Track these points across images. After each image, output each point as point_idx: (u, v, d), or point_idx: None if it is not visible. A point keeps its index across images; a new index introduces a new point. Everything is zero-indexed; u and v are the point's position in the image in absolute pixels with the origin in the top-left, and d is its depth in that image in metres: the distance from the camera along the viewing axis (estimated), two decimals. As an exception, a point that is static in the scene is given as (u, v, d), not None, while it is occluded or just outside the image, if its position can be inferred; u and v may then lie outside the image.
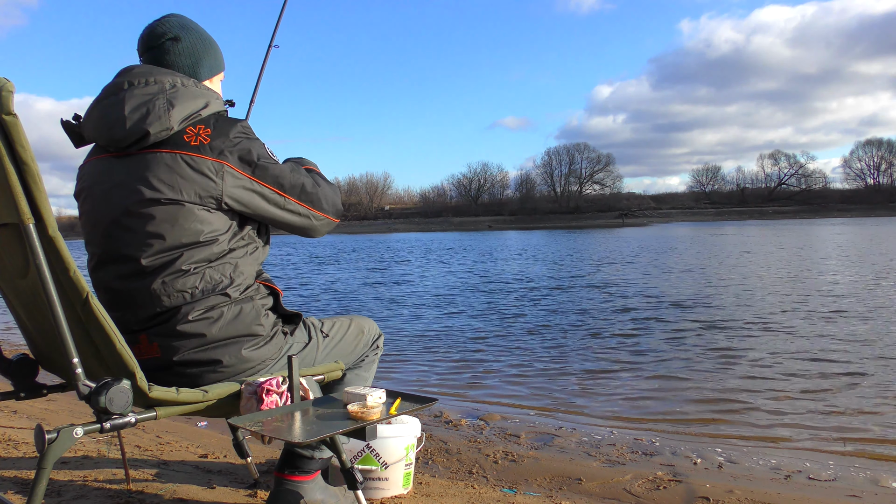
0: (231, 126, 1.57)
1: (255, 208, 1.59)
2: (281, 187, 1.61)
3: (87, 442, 2.73)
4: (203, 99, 1.57)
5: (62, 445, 1.24)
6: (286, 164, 1.65)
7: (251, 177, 1.56)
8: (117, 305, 1.55)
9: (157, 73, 1.57)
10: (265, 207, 1.61)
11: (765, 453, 3.22)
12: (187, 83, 1.58)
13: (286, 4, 2.66)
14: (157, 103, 1.50)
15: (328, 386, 1.81)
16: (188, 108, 1.53)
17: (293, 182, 1.64)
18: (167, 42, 1.63)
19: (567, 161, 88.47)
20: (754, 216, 74.70)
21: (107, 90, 1.56)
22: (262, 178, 1.58)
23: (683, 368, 5.11)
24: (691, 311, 8.09)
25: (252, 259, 1.64)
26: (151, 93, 1.52)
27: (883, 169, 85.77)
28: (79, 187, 1.65)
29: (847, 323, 6.90)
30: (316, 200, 1.69)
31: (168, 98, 1.52)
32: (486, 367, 5.47)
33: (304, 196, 1.66)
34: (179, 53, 1.64)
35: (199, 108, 1.56)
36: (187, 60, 1.66)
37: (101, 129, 1.54)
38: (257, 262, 1.67)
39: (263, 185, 1.58)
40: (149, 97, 1.51)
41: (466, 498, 2.35)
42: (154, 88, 1.53)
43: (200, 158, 1.50)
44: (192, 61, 1.66)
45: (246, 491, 2.20)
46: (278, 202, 1.62)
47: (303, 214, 1.68)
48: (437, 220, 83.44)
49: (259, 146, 1.59)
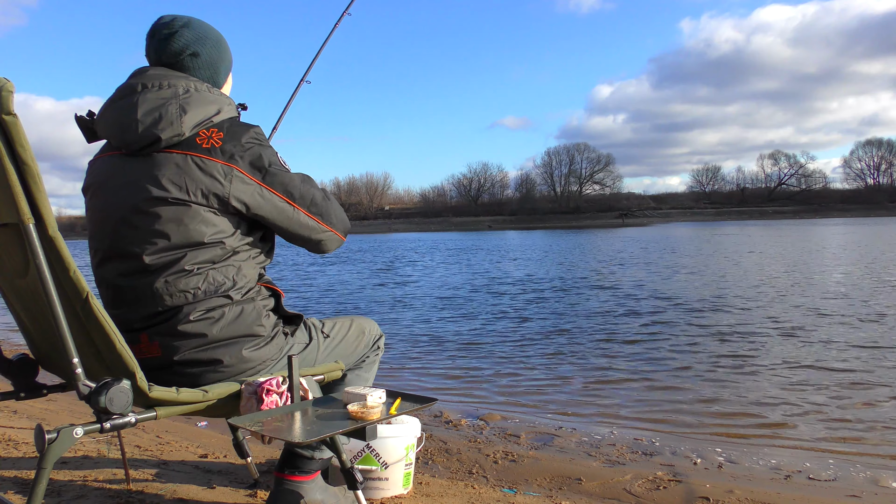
0: (244, 131, 1.56)
1: (262, 213, 1.58)
2: (290, 196, 1.61)
3: (87, 442, 2.73)
4: (216, 105, 1.57)
5: (62, 445, 1.24)
6: (297, 175, 1.64)
7: (261, 183, 1.56)
8: (119, 303, 1.55)
9: (172, 76, 1.56)
10: (273, 214, 1.60)
11: (765, 453, 3.22)
12: (201, 88, 1.57)
13: (326, 44, 2.68)
14: (169, 108, 1.50)
15: (328, 386, 1.81)
16: (201, 115, 1.53)
17: (303, 193, 1.63)
18: (187, 58, 1.62)
19: (567, 161, 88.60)
20: (754, 216, 74.69)
21: (120, 91, 1.56)
22: (272, 185, 1.57)
23: (684, 369, 5.11)
24: (692, 312, 8.09)
25: (255, 263, 1.63)
26: (165, 97, 1.52)
27: (883, 169, 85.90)
28: (87, 182, 1.65)
29: (848, 323, 6.90)
30: (325, 214, 1.68)
31: (181, 103, 1.52)
32: (486, 366, 5.47)
33: (313, 208, 1.65)
34: (199, 67, 1.64)
35: (212, 114, 1.55)
36: (207, 72, 1.66)
37: (114, 130, 1.55)
38: (260, 266, 1.67)
39: (273, 192, 1.58)
40: (162, 101, 1.51)
41: (466, 498, 2.35)
42: (167, 93, 1.53)
43: (210, 161, 1.50)
44: (211, 72, 1.67)
45: (246, 491, 2.20)
46: (286, 211, 1.61)
47: (311, 227, 1.67)
48: (436, 220, 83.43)
49: (271, 153, 1.59)
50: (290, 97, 2.57)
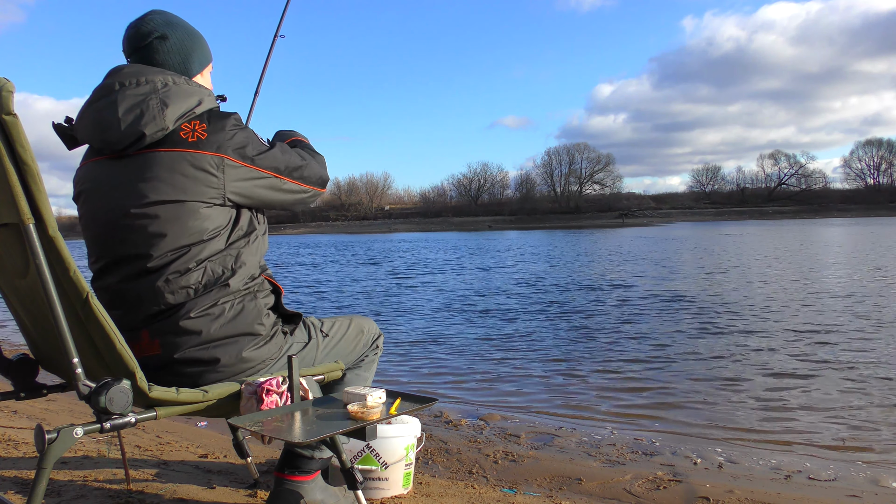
0: (225, 120, 1.58)
1: (256, 197, 1.62)
2: (277, 170, 1.64)
3: (87, 442, 2.73)
4: (196, 97, 1.57)
5: (62, 445, 1.24)
6: (276, 148, 1.67)
7: (250, 165, 1.58)
8: (120, 305, 1.55)
9: (148, 72, 1.55)
10: (265, 193, 1.64)
11: (765, 453, 3.22)
12: (178, 81, 1.57)
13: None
14: (150, 103, 1.50)
15: (328, 386, 1.81)
16: (182, 107, 1.53)
17: (287, 163, 1.67)
18: (155, 41, 1.62)
19: (567, 161, 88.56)
20: (754, 216, 74.68)
21: (97, 92, 1.55)
22: (260, 165, 1.60)
23: (684, 369, 5.11)
24: (693, 312, 8.09)
25: (254, 248, 1.63)
26: (144, 93, 1.51)
27: (883, 169, 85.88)
28: (77, 191, 1.64)
29: (850, 324, 6.90)
30: (306, 176, 1.74)
31: (161, 98, 1.51)
32: (486, 366, 5.47)
33: (296, 173, 1.70)
34: (169, 51, 1.63)
35: (193, 105, 1.55)
36: (177, 58, 1.65)
37: (94, 132, 1.53)
38: (259, 252, 1.66)
39: (262, 171, 1.61)
40: (141, 97, 1.50)
41: (466, 498, 2.35)
42: (146, 88, 1.52)
43: (200, 154, 1.51)
44: (181, 58, 1.66)
45: (246, 491, 2.20)
46: (275, 185, 1.65)
47: (296, 191, 1.72)
48: (436, 219, 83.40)
49: (251, 134, 1.62)
50: (268, 54, 2.56)
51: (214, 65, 1.79)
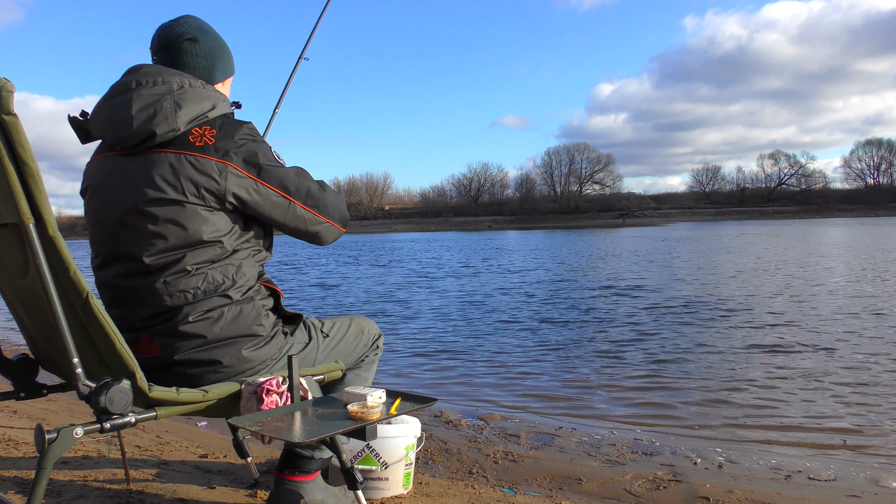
0: (237, 128, 1.57)
1: (259, 209, 1.59)
2: (286, 190, 1.61)
3: (87, 442, 2.73)
4: (210, 101, 1.57)
5: (62, 445, 1.24)
6: (292, 168, 1.64)
7: (256, 178, 1.56)
8: (119, 303, 1.55)
9: (166, 73, 1.57)
10: (269, 210, 1.60)
11: (765, 453, 3.22)
12: (195, 84, 1.58)
13: (322, 18, 2.67)
14: (164, 104, 1.51)
15: (328, 386, 1.81)
16: (195, 110, 1.54)
17: (298, 186, 1.63)
18: (185, 42, 1.64)
19: (567, 161, 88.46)
20: (754, 216, 74.68)
21: (114, 89, 1.57)
22: (267, 181, 1.58)
23: (684, 369, 5.11)
24: (693, 312, 8.09)
25: (254, 261, 1.64)
26: (159, 93, 1.52)
27: (883, 169, 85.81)
28: (85, 184, 1.65)
29: (851, 324, 6.90)
30: (322, 206, 1.69)
31: (175, 99, 1.52)
32: (486, 366, 5.47)
33: (309, 201, 1.66)
34: (196, 54, 1.65)
35: (206, 109, 1.56)
36: (204, 62, 1.67)
37: (108, 128, 1.55)
38: (259, 263, 1.67)
39: (268, 188, 1.58)
40: (156, 97, 1.52)
41: (466, 498, 2.35)
42: (162, 89, 1.53)
43: (205, 159, 1.51)
44: (208, 63, 1.68)
45: (246, 491, 2.20)
46: (283, 205, 1.62)
47: (308, 220, 1.67)
48: (436, 219, 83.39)
49: (265, 148, 1.59)
50: (290, 75, 2.58)
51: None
